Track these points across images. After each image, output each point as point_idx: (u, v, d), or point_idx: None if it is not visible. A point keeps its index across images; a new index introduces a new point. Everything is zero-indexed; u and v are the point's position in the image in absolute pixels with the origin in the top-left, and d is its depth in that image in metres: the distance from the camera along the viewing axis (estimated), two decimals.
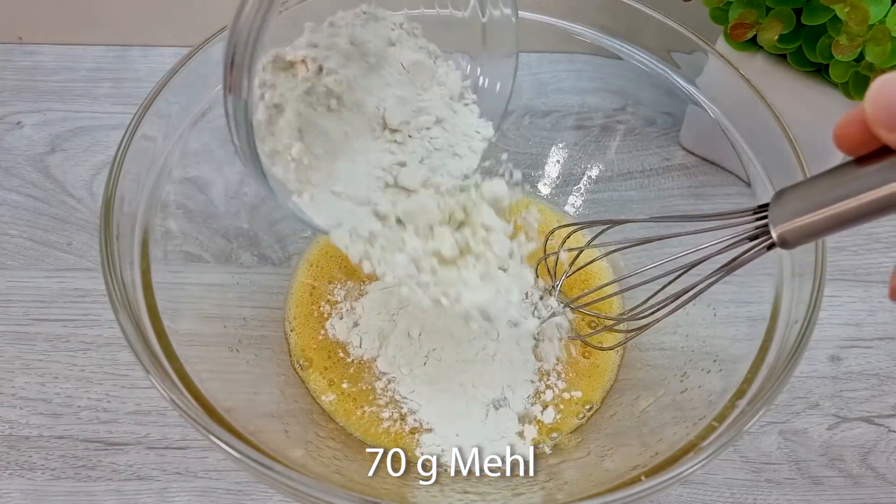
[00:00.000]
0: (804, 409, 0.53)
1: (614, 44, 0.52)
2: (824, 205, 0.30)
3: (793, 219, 0.32)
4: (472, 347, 0.49)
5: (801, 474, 0.50)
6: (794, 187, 0.33)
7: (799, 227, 0.32)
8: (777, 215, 0.33)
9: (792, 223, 0.32)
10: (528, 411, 0.49)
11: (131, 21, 0.69)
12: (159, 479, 0.48)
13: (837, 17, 0.47)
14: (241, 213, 0.53)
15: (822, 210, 0.30)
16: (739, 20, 0.51)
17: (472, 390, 0.48)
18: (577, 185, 0.59)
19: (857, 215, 0.29)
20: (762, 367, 0.40)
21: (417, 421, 0.48)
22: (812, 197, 0.31)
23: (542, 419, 0.48)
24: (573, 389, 0.50)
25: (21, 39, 0.71)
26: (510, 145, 0.60)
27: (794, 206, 0.32)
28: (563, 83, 0.59)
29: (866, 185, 0.28)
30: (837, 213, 0.30)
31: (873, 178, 0.28)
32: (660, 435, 0.42)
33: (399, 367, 0.49)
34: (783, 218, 0.32)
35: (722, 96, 0.49)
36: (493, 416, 0.48)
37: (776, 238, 0.33)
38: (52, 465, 0.48)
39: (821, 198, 0.30)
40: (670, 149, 0.57)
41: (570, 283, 0.54)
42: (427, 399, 0.48)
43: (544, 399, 0.49)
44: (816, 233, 0.31)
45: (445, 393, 0.48)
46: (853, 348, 0.55)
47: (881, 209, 0.28)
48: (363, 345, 0.51)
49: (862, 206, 0.29)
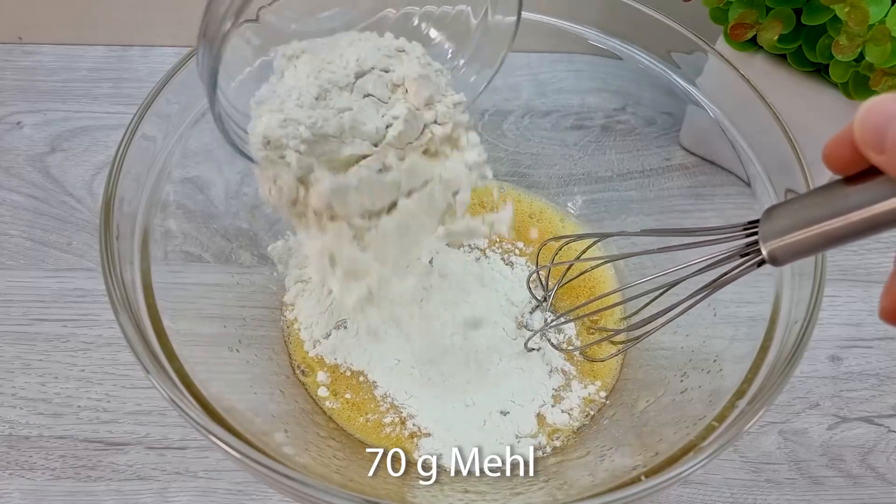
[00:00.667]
0: (804, 408, 0.53)
1: (614, 44, 0.52)
2: (813, 222, 0.30)
3: (782, 236, 0.32)
4: (479, 368, 0.49)
5: (801, 474, 0.50)
6: (783, 205, 0.33)
7: (788, 244, 0.32)
8: (767, 232, 0.33)
9: (781, 240, 0.32)
10: (535, 414, 0.48)
11: (131, 21, 0.69)
12: (159, 479, 0.48)
13: (837, 18, 0.47)
14: (241, 213, 0.53)
15: (812, 228, 0.31)
16: (739, 20, 0.51)
17: (477, 405, 0.48)
18: (577, 185, 0.59)
19: (845, 234, 0.29)
20: (762, 367, 0.40)
21: (416, 426, 0.48)
22: (802, 215, 0.31)
23: (548, 420, 0.48)
24: (578, 389, 0.50)
25: (21, 39, 0.71)
26: (510, 145, 0.60)
27: (783, 224, 0.32)
28: (563, 83, 0.59)
29: (855, 204, 0.29)
30: (826, 232, 0.30)
31: (862, 197, 0.28)
32: (660, 435, 0.42)
33: (402, 390, 0.49)
34: (773, 235, 0.32)
35: (722, 96, 0.49)
36: (496, 421, 0.48)
37: (766, 255, 0.33)
38: (52, 465, 0.48)
39: (810, 216, 0.31)
40: (670, 149, 0.57)
41: (574, 289, 0.54)
42: (429, 407, 0.48)
43: (548, 402, 0.49)
44: (806, 250, 0.32)
45: (448, 403, 0.48)
46: (853, 348, 0.56)
47: (870, 228, 0.29)
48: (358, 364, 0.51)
49: (850, 224, 0.29)
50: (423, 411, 0.48)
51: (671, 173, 0.57)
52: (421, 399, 0.49)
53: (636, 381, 0.50)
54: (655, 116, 0.57)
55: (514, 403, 0.49)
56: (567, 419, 0.49)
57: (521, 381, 0.50)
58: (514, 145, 0.59)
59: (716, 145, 0.50)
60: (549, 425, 0.48)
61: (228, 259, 0.51)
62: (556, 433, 0.48)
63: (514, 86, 0.60)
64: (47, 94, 0.67)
